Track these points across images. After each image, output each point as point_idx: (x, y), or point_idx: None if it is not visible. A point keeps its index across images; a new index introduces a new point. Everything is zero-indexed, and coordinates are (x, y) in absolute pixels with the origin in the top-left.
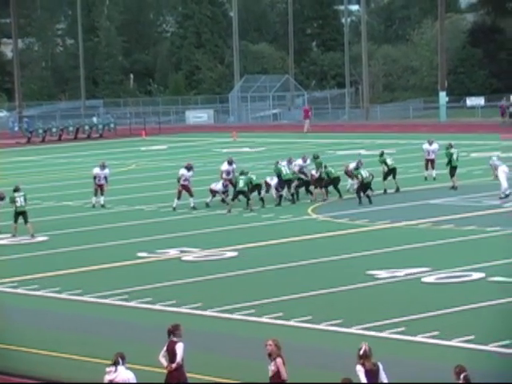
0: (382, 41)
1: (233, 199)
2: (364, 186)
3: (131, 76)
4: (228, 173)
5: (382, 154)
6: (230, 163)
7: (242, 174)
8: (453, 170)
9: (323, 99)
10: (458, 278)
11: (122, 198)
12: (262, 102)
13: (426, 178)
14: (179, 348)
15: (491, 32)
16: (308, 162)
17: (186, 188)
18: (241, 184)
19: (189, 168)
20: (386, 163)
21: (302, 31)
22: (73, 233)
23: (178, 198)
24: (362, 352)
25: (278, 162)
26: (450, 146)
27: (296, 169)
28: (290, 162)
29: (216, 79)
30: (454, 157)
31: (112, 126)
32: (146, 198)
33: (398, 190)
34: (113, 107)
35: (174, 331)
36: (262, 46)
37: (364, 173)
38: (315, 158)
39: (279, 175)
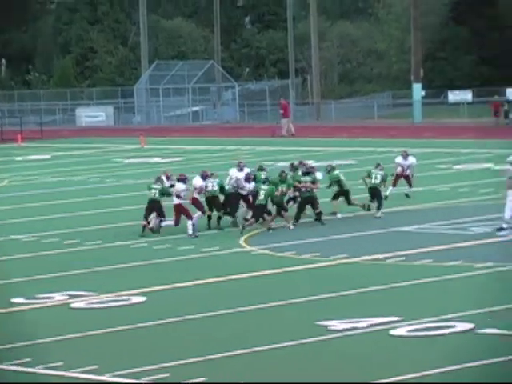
0: (338, 16)
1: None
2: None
3: (3, 61)
4: None
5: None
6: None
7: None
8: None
9: (260, 93)
10: (438, 329)
11: None
12: (179, 96)
13: (386, 197)
14: None
15: (480, 4)
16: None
17: None
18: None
19: None
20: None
21: (231, 2)
22: None
23: None
24: None
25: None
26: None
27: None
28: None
29: (117, 66)
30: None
31: None
32: (23, 224)
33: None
34: None
35: None
36: (179, 22)
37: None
38: (259, 168)
39: None
